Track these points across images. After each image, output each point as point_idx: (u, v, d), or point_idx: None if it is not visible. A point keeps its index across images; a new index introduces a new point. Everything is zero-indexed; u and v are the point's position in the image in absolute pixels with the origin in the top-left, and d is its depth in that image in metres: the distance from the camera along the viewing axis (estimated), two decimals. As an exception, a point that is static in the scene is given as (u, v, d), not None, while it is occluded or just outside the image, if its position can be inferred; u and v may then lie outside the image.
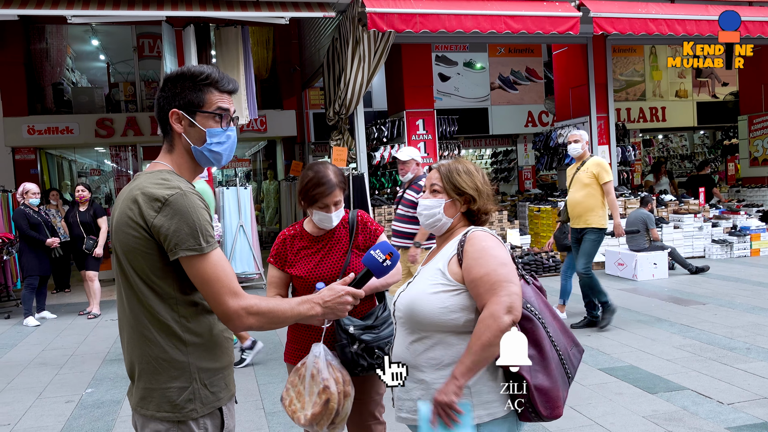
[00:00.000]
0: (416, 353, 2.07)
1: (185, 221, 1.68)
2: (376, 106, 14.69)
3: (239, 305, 1.72)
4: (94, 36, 15.18)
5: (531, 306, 2.02)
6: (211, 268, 1.71)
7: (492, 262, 2.00)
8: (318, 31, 12.48)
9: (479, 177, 2.22)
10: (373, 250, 2.05)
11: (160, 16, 8.37)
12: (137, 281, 1.74)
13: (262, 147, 18.23)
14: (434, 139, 10.86)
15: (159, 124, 1.89)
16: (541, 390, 1.93)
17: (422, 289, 2.09)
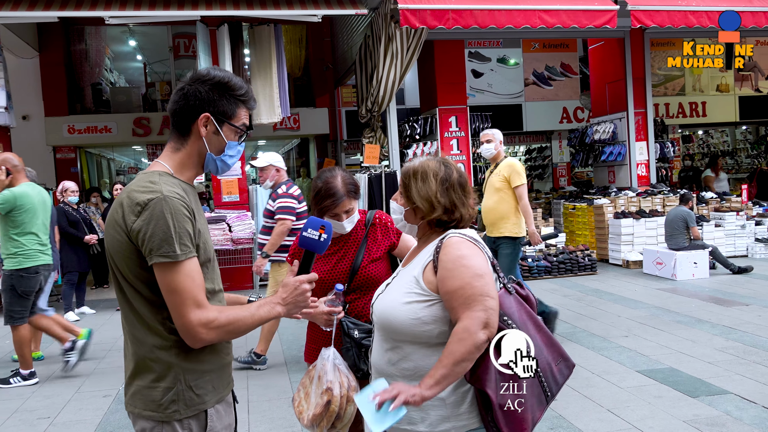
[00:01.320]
0: (390, 362, 2.02)
1: (161, 227, 1.67)
2: (409, 104, 14.64)
3: (199, 319, 1.69)
4: (132, 37, 15.45)
5: (509, 319, 1.91)
6: (179, 278, 1.68)
7: (466, 273, 1.88)
8: (350, 28, 12.48)
9: (434, 186, 2.00)
10: (304, 231, 1.97)
11: (194, 15, 8.47)
12: (124, 283, 1.76)
13: (295, 145, 18.35)
14: (467, 136, 10.76)
15: (176, 119, 1.85)
16: (505, 410, 1.84)
17: (396, 297, 2.00)
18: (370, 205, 9.02)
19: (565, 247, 10.23)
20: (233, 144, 1.88)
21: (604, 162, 11.72)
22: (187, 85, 1.84)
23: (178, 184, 1.80)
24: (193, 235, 1.74)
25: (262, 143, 19.46)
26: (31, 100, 12.92)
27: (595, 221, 10.80)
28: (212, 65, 9.09)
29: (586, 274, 9.56)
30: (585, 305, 7.54)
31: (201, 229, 1.80)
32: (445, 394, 1.90)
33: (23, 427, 4.42)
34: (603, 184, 12.11)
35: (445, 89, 10.70)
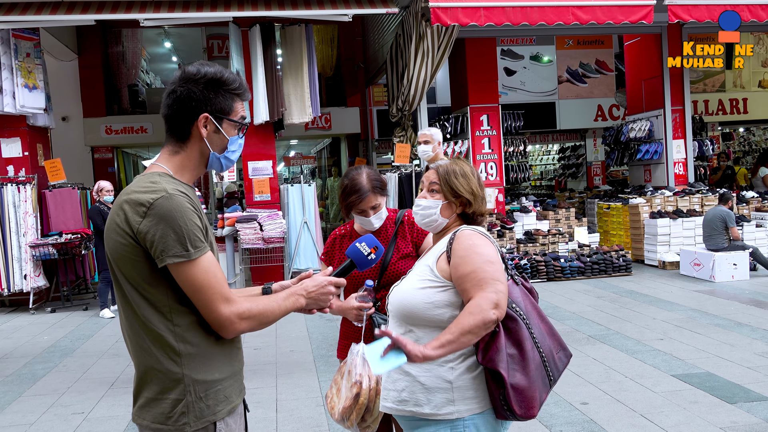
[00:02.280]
0: None
1: (170, 226, 1.61)
2: (440, 102, 14.56)
3: (231, 311, 1.67)
4: (167, 38, 15.72)
5: (516, 306, 2.05)
6: (201, 275, 1.64)
7: (478, 259, 2.03)
8: (381, 27, 12.47)
9: (474, 181, 2.25)
10: (358, 242, 2.07)
11: (227, 17, 8.57)
12: (129, 289, 1.68)
13: (327, 144, 18.44)
14: (499, 135, 10.65)
15: (172, 123, 1.78)
16: (517, 389, 1.95)
17: (411, 284, 2.15)
18: (401, 204, 8.99)
19: (599, 247, 10.05)
20: (234, 139, 1.84)
21: (640, 160, 11.48)
22: (178, 87, 1.77)
23: (180, 184, 1.74)
24: (203, 229, 1.69)
25: (294, 143, 19.61)
26: (71, 102, 13.24)
27: (630, 221, 10.58)
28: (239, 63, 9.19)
29: (620, 275, 9.38)
30: (619, 307, 7.39)
31: (207, 226, 1.75)
32: (453, 377, 2.01)
33: (57, 421, 4.52)
34: (639, 183, 11.86)
35: (476, 87, 10.61)
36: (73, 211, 9.21)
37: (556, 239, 9.94)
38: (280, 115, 9.37)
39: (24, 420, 4.57)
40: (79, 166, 13.15)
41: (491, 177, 10.58)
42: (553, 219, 10.38)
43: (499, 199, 10.61)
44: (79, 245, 8.64)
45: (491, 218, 10.06)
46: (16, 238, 8.56)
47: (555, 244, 9.91)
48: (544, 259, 9.34)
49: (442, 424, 2.02)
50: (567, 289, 8.59)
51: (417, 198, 2.30)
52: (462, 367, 2.03)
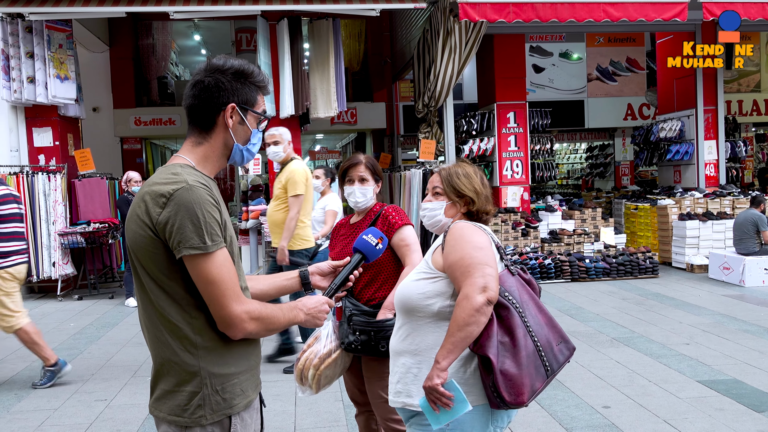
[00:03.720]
0: (400, 339, 2.22)
1: (189, 218, 1.60)
2: (467, 99, 14.46)
3: (243, 309, 1.67)
4: (197, 31, 15.86)
5: (509, 295, 2.08)
6: (215, 269, 1.63)
7: (467, 246, 2.09)
8: (409, 22, 12.42)
9: (477, 180, 2.33)
10: (365, 235, 2.18)
11: (255, 10, 8.61)
12: (148, 281, 1.68)
13: (353, 139, 18.44)
14: (525, 133, 10.54)
15: (198, 113, 1.76)
16: (506, 374, 1.97)
17: (410, 277, 2.26)
18: (424, 201, 8.96)
19: (625, 248, 9.90)
20: (255, 132, 1.84)
21: (670, 161, 11.27)
22: (206, 77, 1.75)
23: (202, 176, 1.72)
24: (221, 224, 1.68)
25: (319, 137, 19.66)
26: (101, 93, 13.45)
27: (659, 222, 10.40)
28: (271, 59, 9.21)
29: (646, 277, 9.22)
30: (644, 309, 7.27)
31: (227, 220, 1.73)
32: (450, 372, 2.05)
33: (81, 407, 4.60)
34: (668, 183, 11.64)
35: (504, 84, 10.51)
36: (102, 200, 9.36)
37: (581, 239, 9.82)
38: (305, 109, 9.39)
39: (48, 405, 4.65)
40: (109, 156, 13.35)
41: (517, 175, 10.48)
42: (578, 219, 10.25)
43: (524, 198, 10.51)
44: (107, 234, 8.78)
45: (516, 216, 9.97)
46: (46, 226, 8.72)
47: (580, 244, 9.79)
48: (568, 259, 9.23)
49: None
50: (591, 290, 8.47)
51: (423, 202, 2.39)
52: (456, 363, 2.06)
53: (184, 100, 1.79)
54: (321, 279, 2.12)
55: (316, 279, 2.12)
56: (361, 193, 3.07)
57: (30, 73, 8.66)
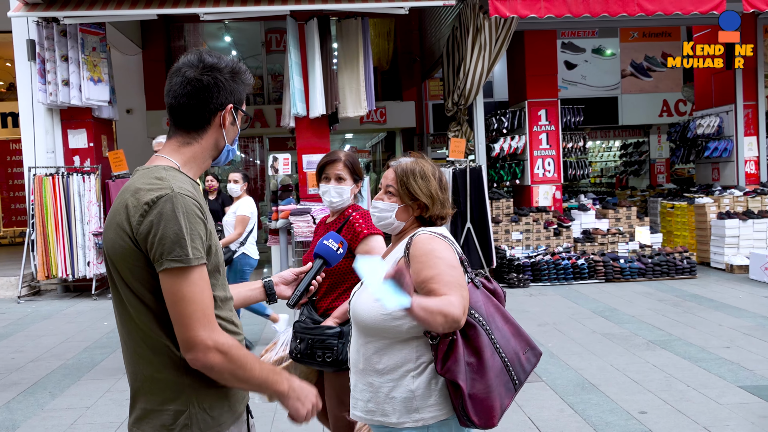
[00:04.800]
0: (365, 356, 2.09)
1: (171, 228, 1.48)
2: (497, 96, 14.30)
3: (210, 336, 1.50)
4: (227, 33, 15.99)
5: (476, 313, 1.99)
6: (188, 286, 1.49)
7: (441, 263, 1.97)
8: (438, 20, 12.32)
9: (434, 183, 2.15)
10: (325, 240, 2.12)
11: (284, 10, 8.62)
12: (127, 294, 1.56)
13: (382, 138, 18.40)
14: (557, 130, 10.36)
15: (190, 111, 1.65)
16: (475, 398, 1.92)
17: (368, 294, 2.02)
18: (455, 200, 8.86)
19: (661, 248, 9.65)
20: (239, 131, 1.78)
21: (708, 158, 10.96)
22: (203, 75, 1.64)
23: (187, 180, 1.62)
24: (205, 238, 1.56)
25: (349, 137, 19.67)
26: (135, 95, 13.65)
27: (696, 221, 10.12)
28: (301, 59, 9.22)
29: (684, 278, 8.97)
30: (682, 311, 7.06)
31: (212, 230, 1.62)
32: (415, 386, 1.98)
33: (113, 406, 4.64)
34: (706, 181, 11.33)
35: (535, 81, 10.35)
36: (134, 201, 9.48)
37: (615, 239, 9.60)
38: (335, 109, 9.38)
39: (81, 403, 4.71)
40: (142, 157, 13.43)
41: (548, 173, 10.31)
42: (612, 218, 10.03)
43: (556, 197, 10.33)
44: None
45: (547, 215, 9.81)
46: (81, 226, 8.88)
47: (614, 243, 9.57)
48: (602, 259, 9.03)
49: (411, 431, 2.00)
50: (626, 291, 8.28)
51: (374, 199, 2.21)
52: (425, 375, 2.00)
53: (174, 98, 1.66)
54: (285, 288, 2.09)
55: (281, 288, 2.07)
56: (337, 192, 2.89)
57: (65, 75, 8.81)
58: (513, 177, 10.55)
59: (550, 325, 6.65)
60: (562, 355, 5.53)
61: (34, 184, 8.86)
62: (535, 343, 2.13)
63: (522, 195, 10.68)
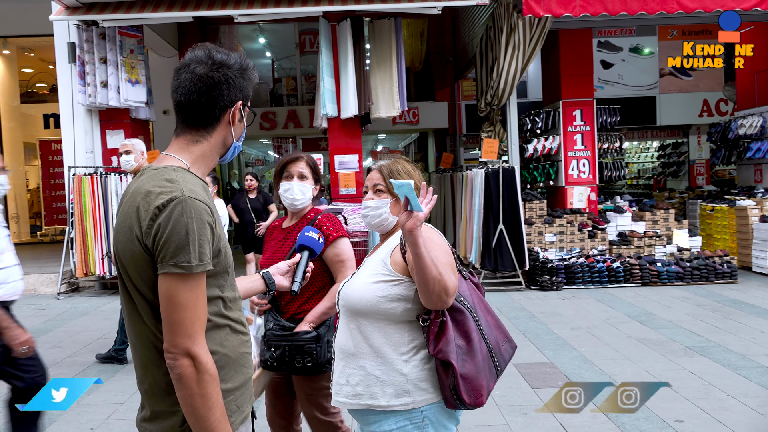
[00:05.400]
0: (356, 341, 2.15)
1: (178, 232, 1.48)
2: (531, 96, 14.14)
3: (192, 347, 1.49)
4: (261, 34, 16.17)
5: (464, 299, 2.10)
6: (185, 293, 1.49)
7: (437, 248, 2.07)
8: (472, 20, 12.23)
9: (417, 176, 2.30)
10: (305, 232, 2.21)
11: (317, 11, 8.65)
12: (137, 296, 1.57)
13: (414, 139, 18.37)
14: (593, 131, 10.18)
15: (200, 108, 1.63)
16: (466, 378, 2.01)
17: (364, 279, 2.17)
18: (487, 202, 8.77)
19: (700, 251, 9.39)
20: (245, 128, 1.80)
21: (750, 159, 10.63)
22: (214, 72, 1.63)
23: (197, 181, 1.61)
24: (213, 242, 1.56)
25: (381, 137, 19.68)
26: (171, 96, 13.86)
27: (737, 224, 9.83)
28: (333, 61, 9.24)
29: (724, 283, 8.72)
30: (721, 317, 6.86)
31: (221, 232, 1.62)
32: (408, 369, 2.07)
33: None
34: (748, 183, 11.00)
35: (570, 81, 10.19)
36: (170, 200, 9.64)
37: (652, 242, 9.39)
38: (368, 109, 9.39)
39: (115, 399, 4.79)
40: (177, 157, 13.73)
41: (583, 175, 10.14)
42: (650, 220, 9.81)
43: (591, 198, 10.15)
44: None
45: (582, 217, 9.65)
46: (118, 225, 9.06)
47: (651, 246, 9.36)
48: (638, 263, 8.83)
49: (399, 414, 2.07)
50: (663, 295, 8.08)
51: (364, 200, 2.30)
52: (416, 359, 2.08)
53: (183, 95, 1.64)
54: (282, 278, 2.16)
55: (279, 279, 2.14)
56: (300, 190, 2.81)
57: (103, 77, 9.01)
58: (547, 178, 10.41)
59: (584, 329, 6.53)
60: (596, 360, 5.43)
61: (73, 183, 9.07)
62: (511, 336, 2.26)
63: (556, 196, 10.53)
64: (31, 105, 15.19)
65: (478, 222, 8.99)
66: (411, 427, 2.07)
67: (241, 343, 1.70)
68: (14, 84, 14.66)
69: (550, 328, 6.61)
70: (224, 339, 1.64)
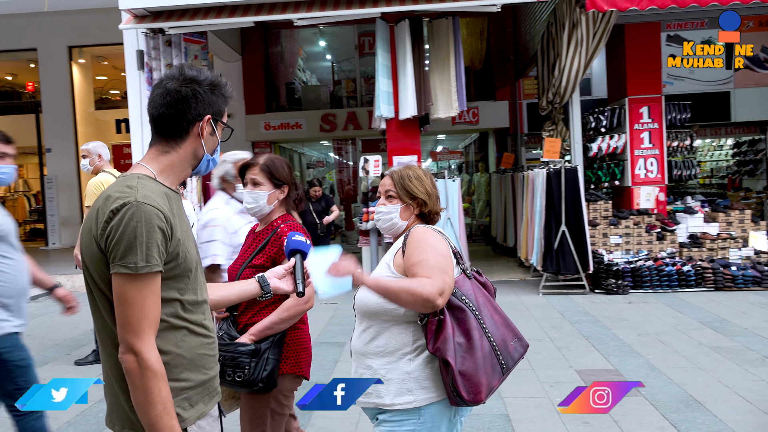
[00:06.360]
0: (365, 341, 2.26)
1: (127, 235, 1.58)
2: (596, 94, 13.72)
3: (136, 343, 1.59)
4: (321, 37, 16.36)
5: (466, 298, 2.17)
6: (134, 292, 1.59)
7: (431, 251, 2.16)
8: (533, 17, 11.98)
9: (428, 182, 2.40)
10: (292, 236, 2.18)
11: (375, 12, 8.65)
12: (98, 294, 1.68)
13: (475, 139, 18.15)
14: (661, 128, 9.77)
15: (169, 121, 1.75)
16: (464, 375, 2.07)
17: None
18: (549, 202, 8.55)
19: (779, 254, 8.86)
20: (219, 142, 1.87)
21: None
22: (182, 86, 1.75)
23: (159, 189, 1.71)
24: (166, 247, 1.65)
25: (441, 137, 19.56)
26: (235, 100, 14.12)
27: (821, 226, 9.22)
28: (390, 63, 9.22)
29: (806, 288, 8.19)
30: (803, 325, 6.43)
31: (181, 237, 1.70)
32: (411, 368, 2.17)
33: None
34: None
35: (636, 77, 9.82)
36: (233, 202, 9.86)
37: (726, 244, 8.92)
38: (427, 110, 9.32)
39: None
40: (241, 160, 14.06)
41: (651, 174, 9.75)
42: (723, 221, 9.32)
43: (660, 199, 9.75)
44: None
45: (650, 218, 9.27)
46: (183, 226, 9.33)
47: (725, 249, 8.89)
48: (711, 266, 8.40)
49: (402, 412, 2.16)
50: (738, 301, 7.66)
51: (376, 206, 2.42)
52: (420, 359, 2.17)
53: (154, 108, 1.76)
54: (279, 281, 2.16)
55: (275, 282, 2.14)
56: (251, 197, 2.76)
57: (170, 83, 9.29)
58: (612, 178, 10.06)
59: (652, 335, 6.25)
60: (665, 369, 5.18)
61: (141, 186, 9.40)
62: (522, 335, 2.31)
63: (621, 197, 10.16)
64: (104, 111, 15.89)
65: (539, 223, 8.78)
66: (410, 425, 2.16)
67: (201, 345, 1.78)
68: (89, 91, 15.38)
69: (615, 333, 6.37)
70: (180, 340, 1.72)
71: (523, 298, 8.29)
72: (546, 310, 7.59)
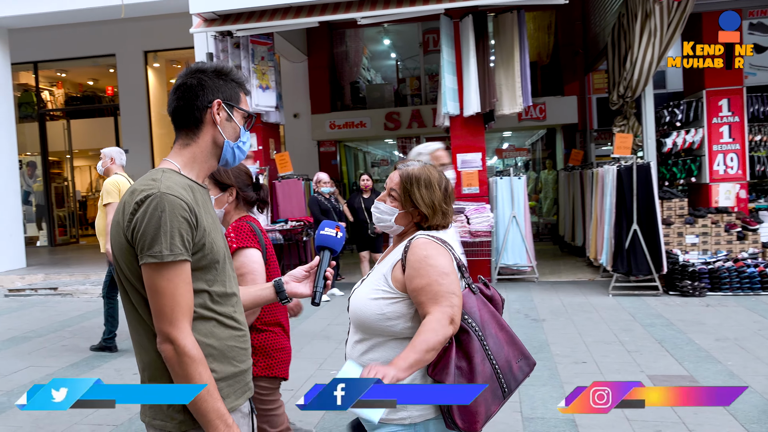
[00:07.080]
0: (359, 353, 2.16)
1: (153, 226, 1.60)
2: (670, 87, 13.14)
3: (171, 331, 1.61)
4: (386, 36, 16.39)
5: (470, 318, 2.06)
6: (163, 281, 1.60)
7: (432, 272, 2.03)
8: (603, 8, 11.59)
9: (439, 193, 2.18)
10: (321, 230, 2.09)
11: (439, 9, 8.59)
12: (129, 286, 1.70)
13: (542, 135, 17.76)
14: (742, 122, 9.25)
15: (182, 114, 1.78)
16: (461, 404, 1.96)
17: (365, 293, 2.15)
18: (620, 200, 8.24)
19: None
20: (245, 131, 1.85)
21: None
22: (188, 78, 1.79)
23: (183, 181, 1.72)
24: (192, 237, 1.66)
25: (507, 134, 19.24)
26: (301, 100, 14.47)
27: None
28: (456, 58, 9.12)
29: None
30: None
31: (207, 228, 1.72)
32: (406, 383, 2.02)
33: (270, 396, 4.88)
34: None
35: (715, 68, 9.31)
36: (298, 200, 10.02)
37: (815, 244, 8.34)
38: (492, 106, 9.18)
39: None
40: (307, 158, 14.32)
41: (731, 170, 9.24)
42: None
43: (741, 196, 9.23)
44: (302, 232, 9.37)
45: (729, 217, 8.78)
46: (250, 223, 9.55)
47: (814, 250, 8.32)
48: (797, 268, 7.89)
49: (397, 428, 2.07)
50: (827, 306, 7.16)
51: (377, 200, 2.28)
52: (415, 374, 2.05)
53: (168, 105, 1.81)
54: (297, 285, 2.11)
55: (292, 286, 2.09)
56: None
57: (238, 84, 9.53)
58: (688, 174, 9.60)
59: (731, 340, 5.91)
60: (745, 376, 4.89)
61: (211, 185, 9.67)
62: (529, 352, 2.18)
63: (698, 194, 9.68)
64: (177, 113, 16.47)
65: (609, 222, 8.48)
66: None
67: (231, 337, 1.79)
68: (164, 94, 15.99)
69: (690, 337, 6.06)
70: (209, 331, 1.73)
71: (591, 300, 8.03)
72: (616, 312, 7.32)
